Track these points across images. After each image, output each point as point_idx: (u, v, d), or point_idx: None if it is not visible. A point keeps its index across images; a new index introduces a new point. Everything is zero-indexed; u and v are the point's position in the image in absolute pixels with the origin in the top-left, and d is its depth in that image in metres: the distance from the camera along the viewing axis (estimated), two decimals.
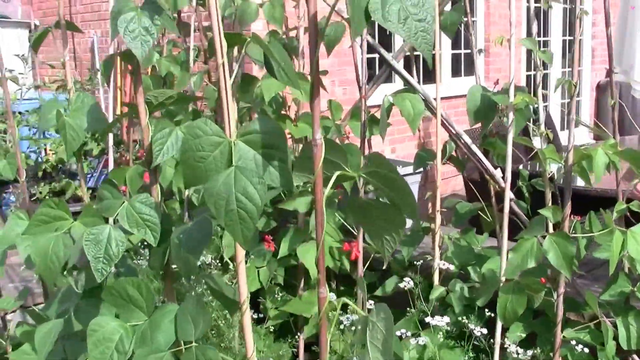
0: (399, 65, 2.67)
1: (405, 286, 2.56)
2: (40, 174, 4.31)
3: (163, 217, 1.86)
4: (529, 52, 7.26)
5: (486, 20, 7.54)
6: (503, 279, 2.31)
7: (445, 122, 2.54)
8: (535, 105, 2.40)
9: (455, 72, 7.51)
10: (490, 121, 2.47)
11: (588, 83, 8.58)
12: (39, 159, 4.17)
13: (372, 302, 2.55)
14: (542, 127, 2.45)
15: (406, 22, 1.35)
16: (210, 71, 3.56)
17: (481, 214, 2.70)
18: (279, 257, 2.76)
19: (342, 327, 2.49)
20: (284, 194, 2.96)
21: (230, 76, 1.66)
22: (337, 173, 1.60)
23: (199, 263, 2.80)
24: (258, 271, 2.82)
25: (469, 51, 7.70)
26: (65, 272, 2.53)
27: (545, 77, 8.67)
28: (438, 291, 2.48)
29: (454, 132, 2.54)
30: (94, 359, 1.83)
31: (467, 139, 2.50)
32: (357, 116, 2.74)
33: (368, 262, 2.88)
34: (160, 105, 2.00)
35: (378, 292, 2.89)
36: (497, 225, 2.68)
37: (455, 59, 7.54)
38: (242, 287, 1.82)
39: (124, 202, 1.85)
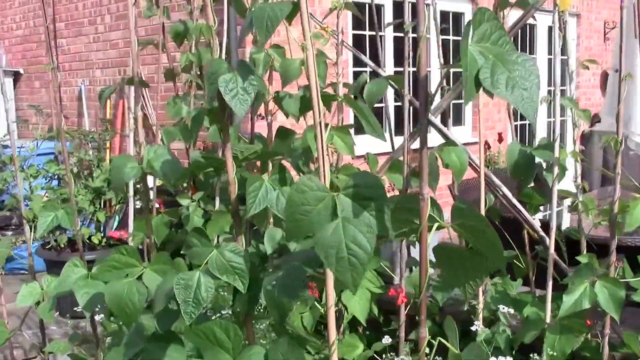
0: (437, 120, 2.83)
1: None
2: None
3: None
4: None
5: None
6: (548, 320, 2.46)
7: (485, 175, 2.70)
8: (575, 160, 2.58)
9: (443, 122, 7.75)
10: (531, 177, 2.63)
11: (571, 132, 8.89)
12: None
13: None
14: (579, 179, 2.62)
15: (514, 90, 1.52)
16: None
17: (515, 261, 2.85)
18: (323, 302, 2.85)
19: None
20: None
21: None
22: (437, 224, 1.73)
23: None
24: (301, 317, 2.91)
25: (457, 101, 8.01)
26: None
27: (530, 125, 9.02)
28: (484, 333, 2.61)
29: (493, 184, 2.69)
30: None
31: (506, 191, 2.66)
32: (397, 168, 2.88)
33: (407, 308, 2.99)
34: (245, 159, 2.12)
35: (412, 336, 2.99)
36: (530, 272, 2.84)
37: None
38: (331, 331, 1.91)
39: (213, 250, 1.94)
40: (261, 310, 2.96)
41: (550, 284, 2.48)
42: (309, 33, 1.73)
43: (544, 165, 2.63)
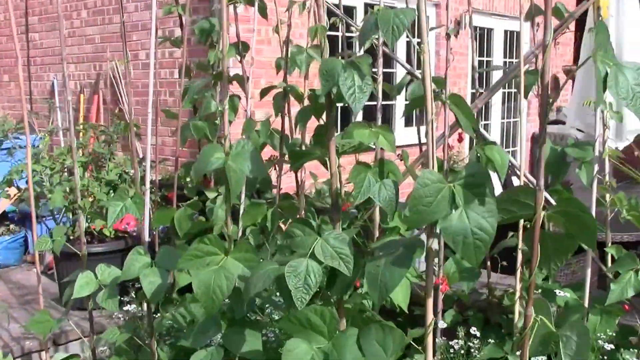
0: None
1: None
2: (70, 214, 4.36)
3: None
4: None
5: (437, 73, 8.11)
6: (586, 304, 2.69)
7: (518, 171, 2.90)
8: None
9: (408, 122, 8.01)
10: (564, 173, 2.84)
11: (524, 134, 9.29)
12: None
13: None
14: (607, 177, 2.84)
15: (633, 98, 1.71)
16: None
17: None
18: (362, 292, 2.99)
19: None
20: None
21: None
22: (544, 213, 1.91)
23: None
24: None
25: None
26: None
27: (486, 127, 9.36)
28: (522, 320, 2.81)
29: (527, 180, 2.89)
30: None
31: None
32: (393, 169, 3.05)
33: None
34: (343, 152, 2.25)
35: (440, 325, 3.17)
36: None
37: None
38: (428, 315, 2.07)
39: (317, 238, 2.07)
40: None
41: (588, 272, 2.69)
42: (426, 38, 1.89)
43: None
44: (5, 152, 4.96)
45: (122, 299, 3.21)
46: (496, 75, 9.15)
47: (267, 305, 2.91)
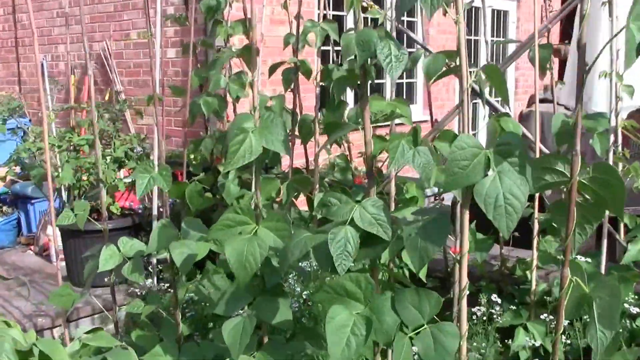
0: (489, 97, 3.08)
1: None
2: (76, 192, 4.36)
3: None
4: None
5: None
6: (603, 271, 2.77)
7: (532, 144, 2.97)
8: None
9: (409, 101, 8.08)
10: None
11: (512, 112, 9.40)
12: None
13: None
14: (620, 147, 2.92)
15: None
16: None
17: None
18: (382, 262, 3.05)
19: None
20: None
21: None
22: (579, 179, 1.97)
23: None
24: None
25: (410, 80, 8.37)
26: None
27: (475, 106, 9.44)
28: (542, 286, 2.89)
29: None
30: (332, 343, 2.05)
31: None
32: (447, 137, 3.10)
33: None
34: (376, 121, 2.29)
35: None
36: None
37: (398, 86, 8.12)
38: (463, 277, 2.13)
39: (355, 206, 2.11)
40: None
41: (605, 241, 2.77)
42: (461, 9, 1.93)
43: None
44: (10, 132, 4.94)
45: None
46: (484, 53, 9.22)
47: (291, 276, 2.95)
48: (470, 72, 2.19)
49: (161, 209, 4.02)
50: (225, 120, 3.96)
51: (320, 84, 3.56)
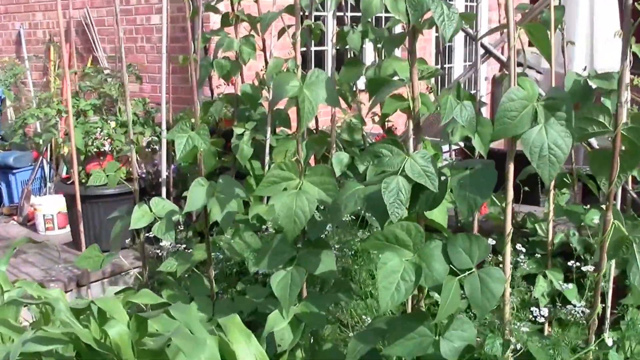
0: (501, 55, 3.19)
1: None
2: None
3: None
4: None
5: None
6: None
7: None
8: None
9: None
10: (590, 101, 3.04)
11: (484, 76, 9.51)
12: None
13: None
14: (628, 105, 3.06)
15: None
16: None
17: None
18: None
19: None
20: None
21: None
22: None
23: None
24: None
25: None
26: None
27: (450, 70, 9.59)
28: (559, 236, 3.04)
29: None
30: (383, 288, 2.16)
31: None
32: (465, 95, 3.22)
33: None
34: (422, 77, 2.39)
35: None
36: (574, 186, 3.31)
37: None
38: (507, 224, 2.25)
39: (406, 157, 2.21)
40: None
41: (620, 191, 2.92)
42: None
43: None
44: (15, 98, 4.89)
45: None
46: None
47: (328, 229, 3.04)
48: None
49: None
50: (238, 83, 4.00)
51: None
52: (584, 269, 2.68)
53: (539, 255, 2.99)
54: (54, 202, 5.59)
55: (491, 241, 2.64)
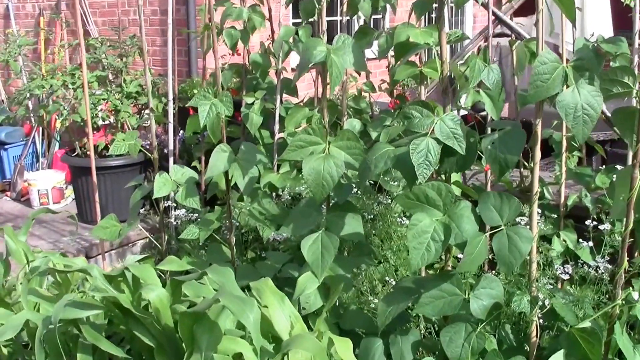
0: (511, 21, 3.23)
1: None
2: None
3: None
4: None
5: None
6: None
7: None
8: None
9: None
10: (601, 65, 3.10)
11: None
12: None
13: None
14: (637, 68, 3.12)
15: None
16: None
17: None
18: None
19: None
20: None
21: None
22: None
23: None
24: None
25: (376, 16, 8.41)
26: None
27: None
28: (572, 198, 3.11)
29: None
30: (413, 248, 2.21)
31: None
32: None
33: None
34: (449, 41, 2.42)
35: None
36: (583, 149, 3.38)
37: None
38: (535, 183, 2.30)
39: (435, 119, 2.24)
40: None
41: (630, 154, 2.98)
42: None
43: None
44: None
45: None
46: None
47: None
48: None
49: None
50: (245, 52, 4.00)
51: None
52: (601, 227, 2.75)
53: (555, 216, 3.05)
54: (48, 177, 5.58)
55: None
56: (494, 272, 2.73)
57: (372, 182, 3.23)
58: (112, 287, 2.37)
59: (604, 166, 3.41)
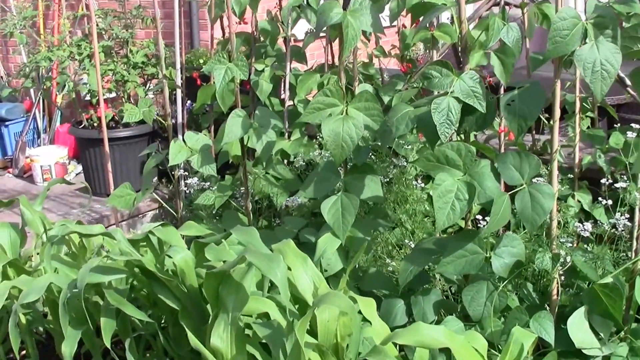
0: None
1: None
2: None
3: None
4: None
5: None
6: None
7: None
8: None
9: None
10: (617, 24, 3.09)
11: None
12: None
13: None
14: None
15: None
16: None
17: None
18: None
19: None
20: None
21: None
22: None
23: None
24: None
25: None
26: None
27: None
28: (587, 159, 3.12)
29: None
30: (438, 208, 2.22)
31: None
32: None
33: None
34: (468, 1, 2.41)
35: None
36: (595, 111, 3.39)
37: None
38: (555, 140, 2.31)
39: (455, 79, 2.24)
40: None
41: None
42: None
43: None
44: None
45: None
46: None
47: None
48: None
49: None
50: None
51: None
52: (617, 185, 2.76)
53: (571, 176, 3.06)
54: (51, 152, 5.55)
55: None
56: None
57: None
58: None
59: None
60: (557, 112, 2.28)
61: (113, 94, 4.43)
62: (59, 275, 2.40)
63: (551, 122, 2.30)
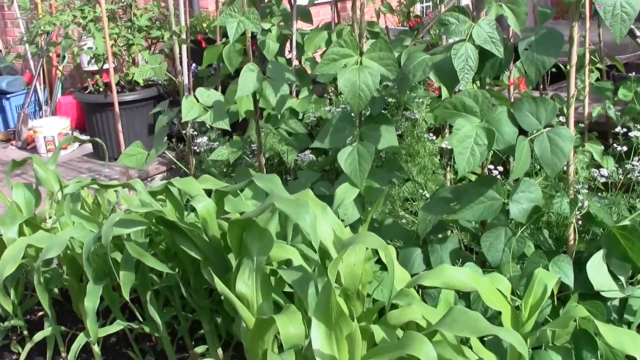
0: None
1: None
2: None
3: None
4: None
5: None
6: None
7: None
8: None
9: None
10: None
11: None
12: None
13: None
14: None
15: None
16: None
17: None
18: None
19: None
20: None
21: None
22: None
23: None
24: None
25: None
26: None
27: None
28: (597, 110, 3.13)
29: None
30: (458, 153, 2.23)
31: None
32: None
33: None
34: None
35: None
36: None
37: None
38: (571, 86, 2.31)
39: (472, 24, 2.24)
40: None
41: None
42: None
43: None
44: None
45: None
46: None
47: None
48: None
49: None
50: None
51: None
52: (631, 134, 2.77)
53: (582, 125, 3.07)
54: (54, 123, 5.55)
55: None
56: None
57: (396, 100, 3.23)
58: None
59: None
60: (574, 57, 2.29)
61: (115, 64, 4.40)
62: (79, 230, 2.40)
63: (567, 68, 2.30)
